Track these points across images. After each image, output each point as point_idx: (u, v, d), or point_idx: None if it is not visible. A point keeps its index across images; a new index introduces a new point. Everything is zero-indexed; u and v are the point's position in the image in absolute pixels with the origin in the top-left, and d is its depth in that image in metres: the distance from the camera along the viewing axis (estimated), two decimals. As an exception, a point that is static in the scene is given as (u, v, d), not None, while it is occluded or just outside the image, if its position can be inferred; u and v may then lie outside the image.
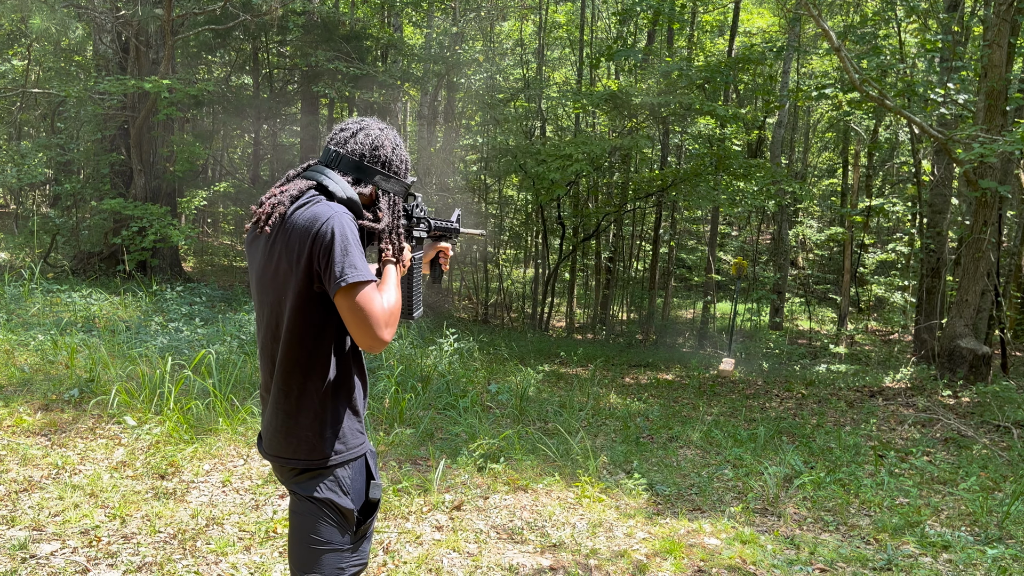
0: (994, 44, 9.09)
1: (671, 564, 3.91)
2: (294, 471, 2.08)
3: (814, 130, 27.45)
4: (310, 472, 2.06)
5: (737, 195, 15.89)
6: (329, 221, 1.92)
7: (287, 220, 2.00)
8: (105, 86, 11.82)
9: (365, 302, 1.90)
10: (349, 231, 1.93)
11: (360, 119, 2.17)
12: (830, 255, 25.12)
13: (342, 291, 1.90)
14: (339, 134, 2.14)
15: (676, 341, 17.71)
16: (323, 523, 2.06)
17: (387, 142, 2.14)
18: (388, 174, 2.14)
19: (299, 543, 2.09)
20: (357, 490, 2.10)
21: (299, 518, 2.09)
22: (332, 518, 2.07)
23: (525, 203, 20.19)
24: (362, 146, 2.11)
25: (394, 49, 16.68)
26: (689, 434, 6.98)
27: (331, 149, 2.12)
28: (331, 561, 2.08)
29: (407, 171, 2.20)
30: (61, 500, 4.06)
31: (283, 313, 2.02)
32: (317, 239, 1.92)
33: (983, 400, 8.30)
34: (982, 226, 9.29)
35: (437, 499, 4.50)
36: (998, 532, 4.64)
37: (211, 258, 20.02)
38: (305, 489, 2.07)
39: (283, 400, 2.06)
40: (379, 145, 2.12)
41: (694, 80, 13.05)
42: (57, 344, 7.06)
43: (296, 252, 1.95)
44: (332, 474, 2.06)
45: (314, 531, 2.06)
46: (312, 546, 2.07)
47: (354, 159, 2.10)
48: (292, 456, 2.07)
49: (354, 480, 2.10)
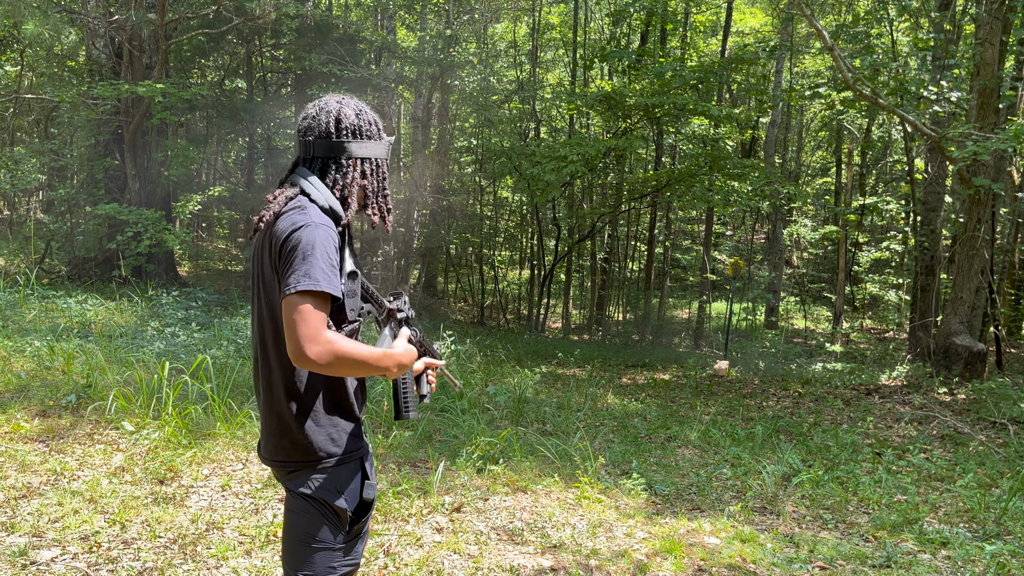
0: (986, 42, 9.13)
1: (671, 564, 3.92)
2: (289, 471, 2.10)
3: (807, 129, 27.52)
4: (304, 471, 2.08)
5: (731, 195, 15.91)
6: (301, 230, 1.93)
7: (273, 227, 2.02)
8: (99, 91, 11.79)
9: (305, 312, 1.84)
10: (319, 241, 1.92)
11: (316, 101, 2.17)
12: (824, 254, 25.19)
13: (288, 298, 1.86)
14: (302, 123, 2.13)
15: (672, 341, 17.74)
16: (316, 522, 2.07)
17: (348, 110, 2.12)
18: (361, 139, 2.12)
19: (292, 541, 2.10)
20: (352, 490, 2.11)
21: (293, 516, 2.10)
22: (325, 517, 2.08)
23: (520, 205, 20.21)
24: (326, 125, 2.09)
25: (388, 52, 16.69)
26: (687, 434, 7.00)
27: (301, 141, 2.13)
28: (323, 560, 2.09)
29: (380, 131, 2.17)
30: (60, 506, 4.05)
31: (271, 318, 2.05)
32: (286, 245, 1.94)
33: (979, 397, 8.33)
34: (976, 223, 9.33)
35: (437, 501, 4.51)
36: (996, 528, 4.66)
37: (206, 262, 19.99)
38: (299, 487, 2.08)
39: (275, 403, 2.07)
40: (341, 116, 2.10)
41: (688, 80, 13.07)
42: (53, 350, 7.05)
43: (276, 258, 1.98)
44: (326, 474, 2.08)
45: (307, 529, 2.08)
46: (304, 544, 2.08)
47: (323, 141, 2.09)
48: (287, 458, 2.08)
49: (349, 480, 2.11)
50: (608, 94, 13.92)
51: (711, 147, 16.04)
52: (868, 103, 10.81)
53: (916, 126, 9.24)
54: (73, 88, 13.66)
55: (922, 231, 12.05)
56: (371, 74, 14.63)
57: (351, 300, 2.03)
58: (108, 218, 12.80)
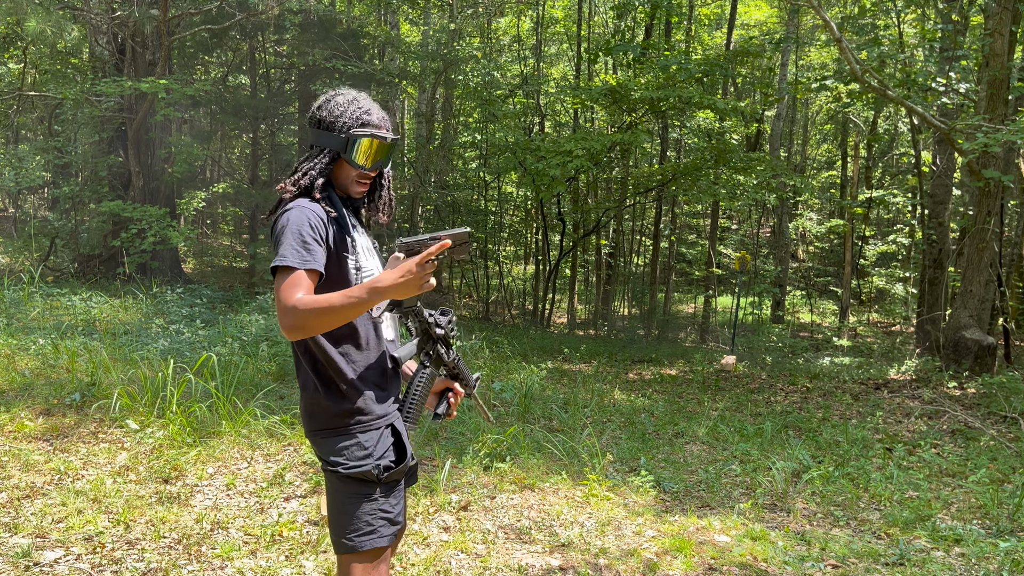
0: (995, 32, 9.03)
1: (681, 562, 3.87)
2: (317, 439, 2.19)
3: (813, 122, 27.39)
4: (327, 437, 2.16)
5: (737, 189, 15.82)
6: (286, 213, 2.07)
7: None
8: (102, 88, 11.76)
9: (277, 287, 1.97)
10: (295, 220, 2.03)
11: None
12: (830, 247, 25.09)
13: (275, 274, 2.00)
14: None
15: (678, 336, 17.67)
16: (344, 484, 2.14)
17: (322, 101, 2.23)
18: (319, 130, 2.20)
19: (330, 507, 2.19)
20: (382, 451, 2.16)
21: (326, 482, 2.20)
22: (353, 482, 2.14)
23: (525, 200, 20.14)
24: (312, 118, 2.23)
25: (391, 47, 16.63)
26: (695, 430, 6.94)
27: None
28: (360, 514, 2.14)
29: (345, 122, 2.18)
30: (64, 506, 4.01)
31: None
32: (272, 230, 2.10)
33: (989, 391, 8.25)
34: (986, 216, 9.25)
35: (444, 499, 4.46)
36: (1009, 525, 4.60)
37: (211, 259, 19.98)
38: (327, 453, 2.16)
39: (300, 379, 2.23)
40: (315, 108, 2.23)
41: (693, 74, 12.98)
42: (58, 348, 7.02)
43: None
44: (349, 439, 2.14)
45: (339, 495, 2.15)
46: (342, 509, 2.15)
47: (312, 131, 2.23)
48: (315, 427, 2.18)
49: (377, 445, 2.16)
50: (613, 88, 13.83)
51: (716, 141, 15.95)
52: (875, 95, 10.72)
53: (925, 118, 9.15)
54: (76, 85, 13.64)
55: (930, 224, 11.96)
56: (375, 69, 14.56)
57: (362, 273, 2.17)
58: (112, 215, 12.78)
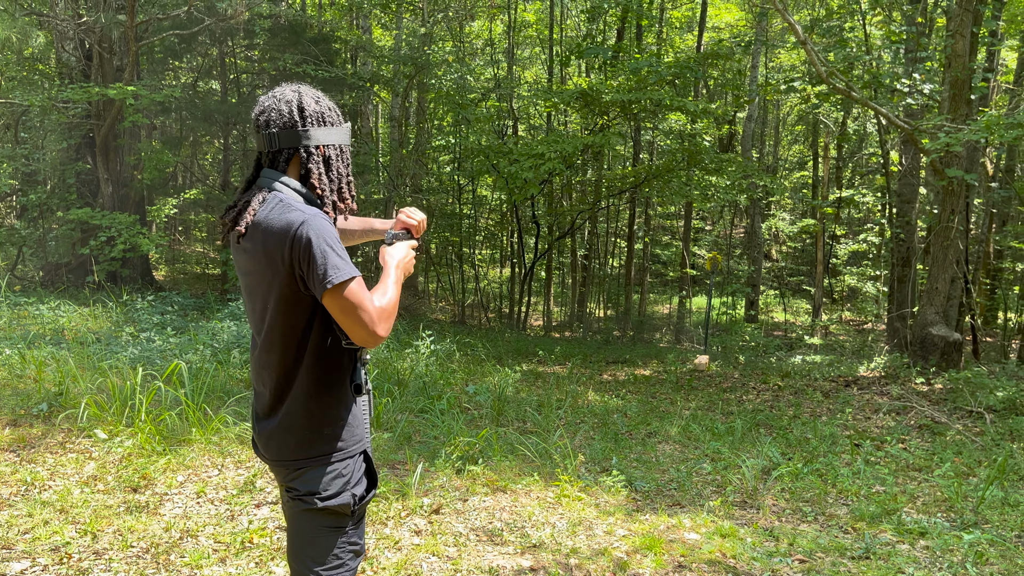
0: (957, 34, 9.20)
1: (652, 560, 3.90)
2: (292, 470, 2.08)
3: (784, 123, 27.70)
4: (308, 468, 2.07)
5: (709, 190, 15.98)
6: (303, 226, 1.93)
7: (260, 227, 2.00)
8: (69, 94, 11.62)
9: (354, 298, 1.93)
10: (325, 232, 1.94)
11: (270, 92, 2.13)
12: (803, 247, 25.37)
13: (328, 293, 1.93)
14: (261, 117, 2.08)
15: (653, 336, 17.78)
16: (318, 517, 2.07)
17: (307, 98, 2.09)
18: (324, 125, 2.10)
19: (296, 539, 2.10)
20: (356, 479, 2.12)
21: (294, 514, 2.10)
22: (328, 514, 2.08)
23: (499, 203, 20.16)
24: (289, 114, 2.06)
25: (363, 51, 16.58)
26: (667, 429, 7.00)
27: (263, 135, 2.07)
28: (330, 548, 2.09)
29: (339, 116, 2.15)
30: (31, 517, 3.97)
31: (269, 317, 2.05)
32: (295, 245, 1.93)
33: (955, 386, 8.40)
34: (949, 214, 9.41)
35: (416, 503, 4.47)
36: (974, 517, 4.69)
37: (183, 266, 19.80)
38: (303, 485, 2.06)
39: (277, 402, 2.08)
40: (303, 105, 2.08)
41: (664, 76, 13.10)
42: (25, 358, 6.93)
43: (277, 258, 1.96)
44: (330, 468, 2.07)
45: (310, 526, 2.08)
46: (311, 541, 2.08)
47: (288, 132, 2.05)
48: (291, 457, 2.07)
49: (353, 473, 2.11)
50: (585, 91, 13.91)
51: (688, 142, 16.08)
52: (843, 96, 10.87)
53: (890, 118, 9.30)
54: (43, 92, 13.47)
55: (898, 223, 12.14)
56: (346, 74, 14.52)
57: None
58: (81, 223, 12.63)
